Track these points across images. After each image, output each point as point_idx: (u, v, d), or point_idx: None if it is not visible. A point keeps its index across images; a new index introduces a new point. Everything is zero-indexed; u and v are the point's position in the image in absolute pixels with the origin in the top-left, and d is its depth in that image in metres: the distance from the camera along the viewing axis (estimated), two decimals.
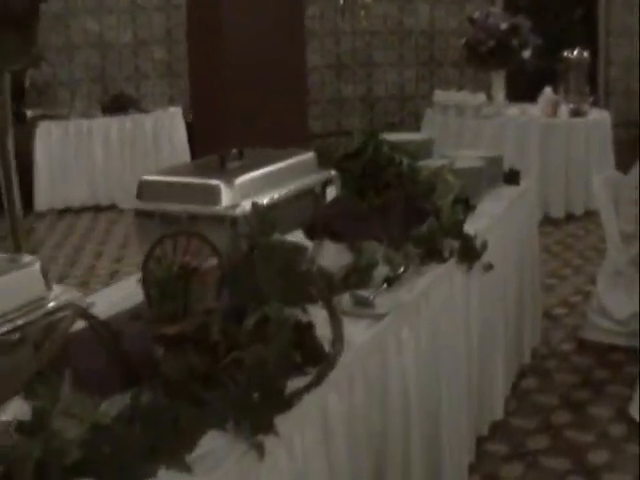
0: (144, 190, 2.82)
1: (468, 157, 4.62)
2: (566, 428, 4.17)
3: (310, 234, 3.30)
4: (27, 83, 9.68)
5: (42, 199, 9.67)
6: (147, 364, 2.03)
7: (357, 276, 2.94)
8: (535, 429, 4.18)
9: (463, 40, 8.41)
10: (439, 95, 8.88)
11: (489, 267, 3.66)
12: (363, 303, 2.79)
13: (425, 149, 4.80)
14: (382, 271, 3.01)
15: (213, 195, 2.68)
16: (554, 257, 7.05)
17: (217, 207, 2.67)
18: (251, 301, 2.19)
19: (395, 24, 10.47)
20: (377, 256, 3.05)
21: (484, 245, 3.59)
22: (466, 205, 4.09)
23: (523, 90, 8.49)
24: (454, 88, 9.27)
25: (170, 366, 1.98)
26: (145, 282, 2.17)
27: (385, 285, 2.95)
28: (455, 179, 4.06)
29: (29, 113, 9.65)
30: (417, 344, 2.91)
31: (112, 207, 9.37)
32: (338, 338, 2.16)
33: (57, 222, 9.36)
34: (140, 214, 2.82)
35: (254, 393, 2.00)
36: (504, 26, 8.08)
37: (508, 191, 4.65)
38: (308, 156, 3.11)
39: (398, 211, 3.32)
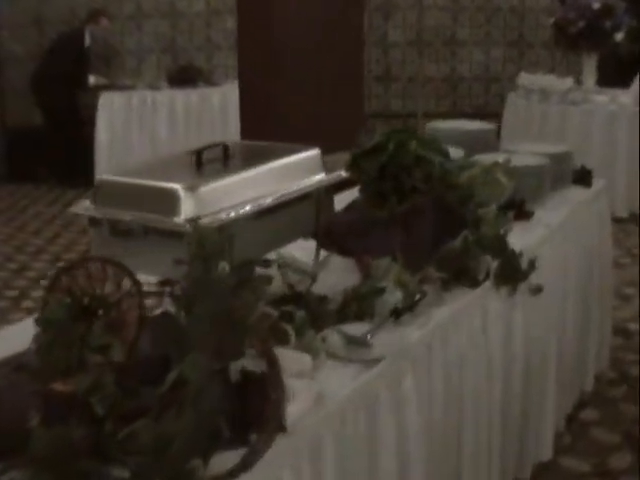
0: (98, 193, 2.32)
1: (532, 152, 4.00)
2: (624, 475, 3.56)
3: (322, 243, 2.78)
4: (87, 41, 9.22)
5: (102, 172, 9.29)
6: (20, 431, 1.54)
7: (357, 305, 2.39)
8: (588, 473, 3.59)
9: (552, 20, 7.72)
10: (524, 78, 8.21)
11: (537, 290, 3.07)
12: (355, 342, 2.25)
13: (484, 141, 4.21)
14: (392, 298, 2.45)
15: (170, 204, 2.17)
16: (635, 261, 6.34)
17: (175, 219, 2.16)
18: (176, 353, 1.67)
19: (482, 0, 9.76)
20: (387, 279, 2.50)
21: (532, 263, 3.01)
22: (520, 211, 3.52)
23: (615, 76, 7.74)
24: (542, 71, 8.55)
25: (41, 438, 1.48)
26: (39, 322, 1.67)
27: (392, 318, 2.40)
28: (509, 180, 3.48)
29: (92, 80, 9.19)
30: (425, 395, 2.35)
31: None
32: (275, 411, 1.64)
33: None
34: (94, 222, 2.32)
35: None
36: (596, 6, 7.36)
37: (576, 194, 4.03)
38: (311, 154, 2.56)
39: (425, 222, 2.76)
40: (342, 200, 2.99)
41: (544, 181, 3.79)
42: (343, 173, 2.63)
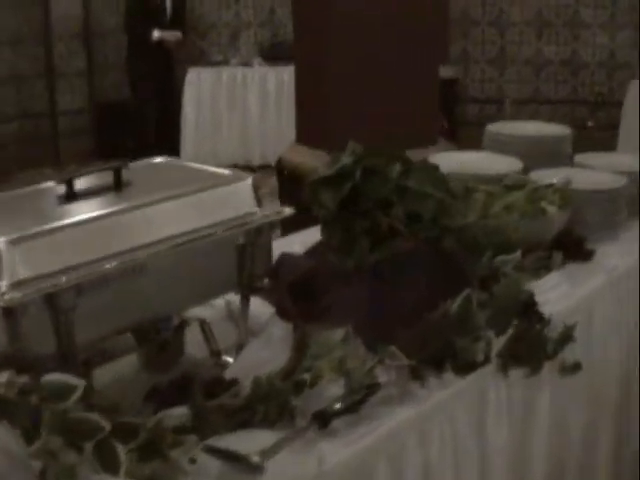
0: None
1: (610, 169, 3.16)
2: None
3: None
4: None
5: (189, 152, 8.81)
6: None
7: (267, 402, 1.69)
8: None
9: None
10: None
11: (574, 368, 2.27)
12: (238, 467, 1.55)
13: (555, 150, 3.38)
14: (325, 394, 1.74)
15: None
16: None
17: None
18: None
19: None
20: (328, 362, 1.79)
21: (568, 333, 2.22)
22: (577, 250, 2.73)
23: None
24: None
25: None
26: None
27: (317, 425, 1.69)
28: (561, 210, 2.70)
29: (156, 35, 8.42)
30: None
31: (266, 167, 8.36)
32: None
33: None
34: None
35: None
36: None
37: None
38: (239, 185, 1.87)
39: (407, 276, 2.02)
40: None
41: (616, 209, 2.97)
42: (288, 209, 1.92)
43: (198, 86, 8.66)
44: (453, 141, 7.69)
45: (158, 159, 2.10)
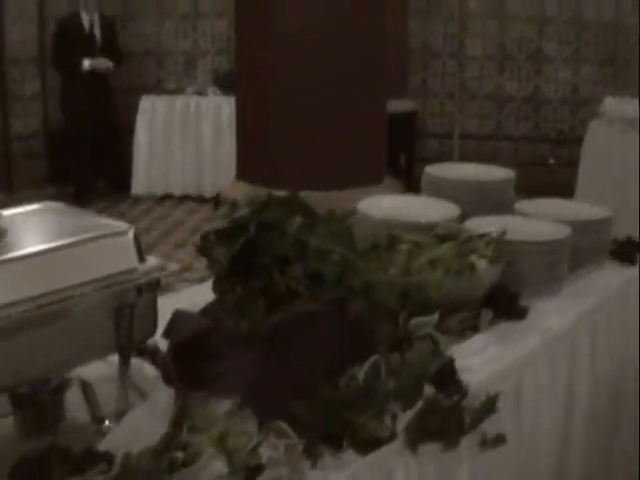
0: None
1: (553, 217, 2.98)
2: None
3: None
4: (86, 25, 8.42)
5: (140, 182, 8.62)
6: None
7: None
8: None
9: None
10: (610, 103, 7.11)
11: (496, 441, 2.08)
12: None
13: (495, 195, 3.19)
14: (209, 472, 1.54)
15: None
16: None
17: None
18: None
19: (572, 13, 8.61)
20: (202, 439, 1.59)
21: (490, 404, 2.03)
22: (509, 308, 2.54)
23: None
24: (630, 95, 7.39)
25: None
26: None
27: None
28: (491, 264, 2.51)
29: (86, 64, 8.30)
30: None
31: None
32: None
33: (151, 210, 8.27)
34: None
35: None
36: None
37: (610, 276, 3.00)
38: (118, 240, 1.68)
39: (305, 342, 1.83)
40: None
41: (557, 262, 2.78)
42: (173, 265, 1.73)
43: (152, 114, 8.48)
44: (410, 178, 7.52)
45: (40, 205, 1.91)
